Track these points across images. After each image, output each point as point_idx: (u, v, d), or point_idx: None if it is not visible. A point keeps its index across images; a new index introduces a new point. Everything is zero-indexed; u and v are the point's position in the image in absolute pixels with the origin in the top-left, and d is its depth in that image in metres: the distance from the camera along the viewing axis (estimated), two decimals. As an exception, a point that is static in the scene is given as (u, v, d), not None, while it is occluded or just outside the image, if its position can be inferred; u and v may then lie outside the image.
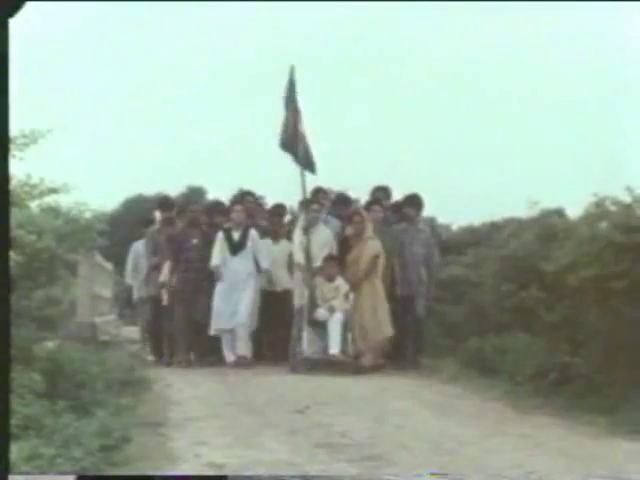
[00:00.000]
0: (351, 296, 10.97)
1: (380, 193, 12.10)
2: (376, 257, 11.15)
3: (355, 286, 11.06)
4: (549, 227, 10.46)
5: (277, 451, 6.01)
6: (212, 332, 11.49)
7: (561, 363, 8.47)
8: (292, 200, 12.98)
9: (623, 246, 7.75)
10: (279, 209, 12.64)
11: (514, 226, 12.02)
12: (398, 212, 11.99)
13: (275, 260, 11.85)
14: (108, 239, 13.76)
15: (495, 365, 9.57)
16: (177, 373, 10.69)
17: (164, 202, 13.14)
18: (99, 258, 13.92)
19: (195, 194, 31.80)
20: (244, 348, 11.41)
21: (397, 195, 12.40)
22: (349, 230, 11.48)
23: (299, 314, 11.07)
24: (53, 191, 9.31)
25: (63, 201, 9.98)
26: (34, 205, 9.16)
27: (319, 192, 12.03)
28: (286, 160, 11.71)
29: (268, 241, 11.98)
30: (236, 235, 11.68)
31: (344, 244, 11.44)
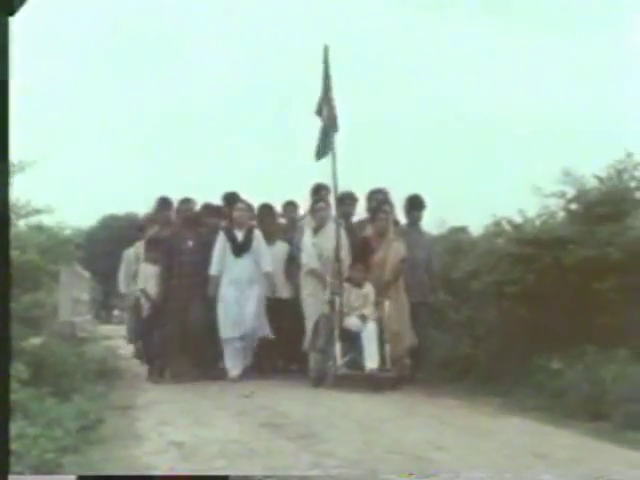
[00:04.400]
0: (387, 303, 8.52)
1: (380, 195, 9.40)
2: (403, 261, 8.76)
3: (381, 292, 8.61)
4: (456, 242, 10.66)
5: (228, 430, 6.00)
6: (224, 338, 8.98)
7: (464, 355, 8.65)
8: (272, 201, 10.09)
9: (516, 257, 7.96)
10: (269, 208, 9.78)
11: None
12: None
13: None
14: (85, 251, 13.70)
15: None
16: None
17: (163, 202, 9.93)
18: (78, 267, 13.82)
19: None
20: (247, 360, 9.20)
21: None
22: (370, 230, 8.99)
23: (325, 323, 8.53)
24: (37, 212, 9.30)
25: (46, 220, 9.97)
26: (22, 224, 9.13)
27: (320, 189, 9.39)
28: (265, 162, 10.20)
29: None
30: (239, 235, 9.14)
31: (364, 245, 8.88)
